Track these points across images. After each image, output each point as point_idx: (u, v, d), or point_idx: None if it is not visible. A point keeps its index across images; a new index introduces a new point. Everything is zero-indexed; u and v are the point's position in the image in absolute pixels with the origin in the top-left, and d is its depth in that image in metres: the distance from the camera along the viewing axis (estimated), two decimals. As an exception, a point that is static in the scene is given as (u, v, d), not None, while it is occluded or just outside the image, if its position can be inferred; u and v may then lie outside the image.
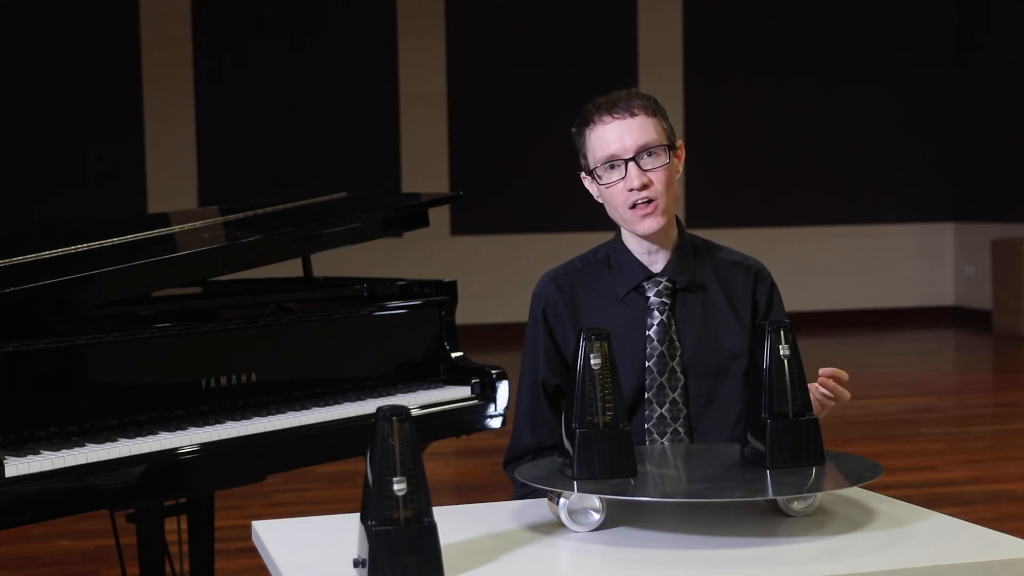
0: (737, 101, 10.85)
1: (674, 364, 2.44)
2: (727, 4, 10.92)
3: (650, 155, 2.42)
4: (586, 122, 2.48)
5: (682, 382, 2.44)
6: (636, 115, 2.42)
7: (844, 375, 2.32)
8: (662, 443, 2.43)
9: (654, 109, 2.45)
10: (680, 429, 2.43)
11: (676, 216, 2.54)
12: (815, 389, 2.30)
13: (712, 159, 10.64)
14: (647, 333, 2.45)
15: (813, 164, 11.10)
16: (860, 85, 11.09)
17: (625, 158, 2.41)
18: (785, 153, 11.05)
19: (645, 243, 2.49)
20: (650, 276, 2.49)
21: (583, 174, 2.53)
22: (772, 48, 10.99)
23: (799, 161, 11.08)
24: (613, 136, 2.42)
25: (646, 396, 2.44)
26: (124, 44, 10.02)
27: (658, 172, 2.42)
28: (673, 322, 2.46)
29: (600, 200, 2.52)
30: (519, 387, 2.60)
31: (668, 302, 2.46)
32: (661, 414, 2.43)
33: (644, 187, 2.41)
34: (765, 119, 10.98)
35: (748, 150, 10.91)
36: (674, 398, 2.44)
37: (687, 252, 2.52)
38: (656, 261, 2.50)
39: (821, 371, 2.31)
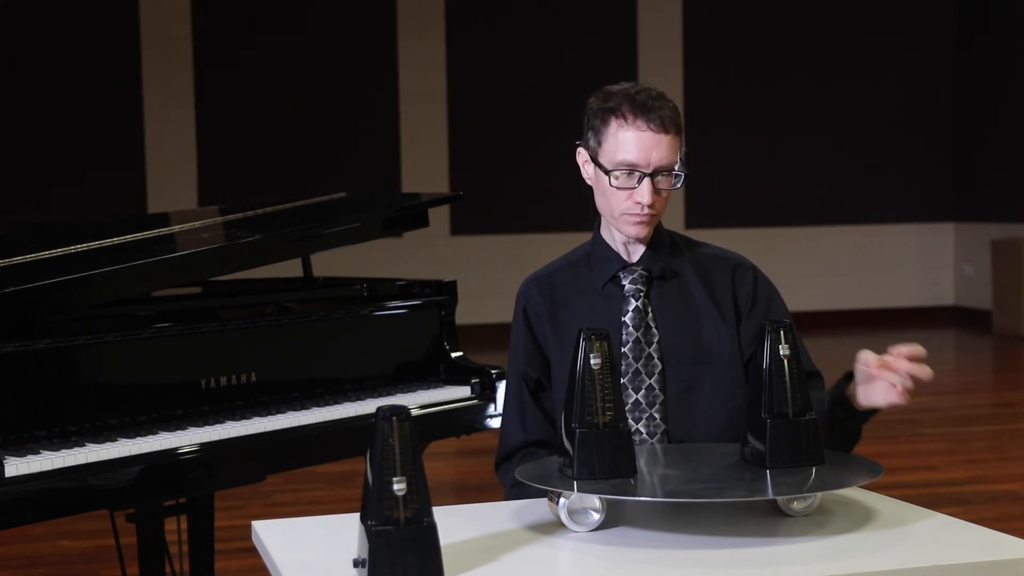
0: (737, 101, 10.85)
1: (651, 350, 2.45)
2: (727, 4, 10.92)
3: (666, 176, 2.42)
4: (613, 111, 2.43)
5: (659, 368, 2.44)
6: (668, 133, 2.41)
7: (919, 351, 2.17)
8: (638, 428, 2.42)
9: (679, 127, 2.44)
10: (656, 415, 2.43)
11: None
12: (884, 373, 2.18)
13: (712, 159, 10.64)
14: (622, 319, 2.46)
15: (813, 164, 11.10)
16: (860, 85, 11.09)
17: (645, 172, 2.40)
18: (785, 153, 11.05)
19: (623, 235, 2.50)
20: (626, 266, 2.50)
21: (582, 148, 2.50)
22: (772, 48, 10.99)
23: (799, 161, 11.08)
24: (641, 145, 2.40)
25: (622, 381, 2.43)
26: (124, 44, 10.02)
27: (665, 193, 2.44)
28: (649, 309, 2.47)
29: (590, 182, 2.51)
30: (505, 387, 2.61)
31: (643, 289, 2.48)
32: (637, 399, 2.43)
33: (650, 205, 2.41)
34: (765, 119, 10.97)
35: (748, 150, 10.91)
36: (650, 384, 2.43)
37: (664, 243, 2.53)
38: (634, 252, 2.51)
39: (895, 350, 2.18)
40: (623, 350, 2.44)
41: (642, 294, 2.48)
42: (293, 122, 10.28)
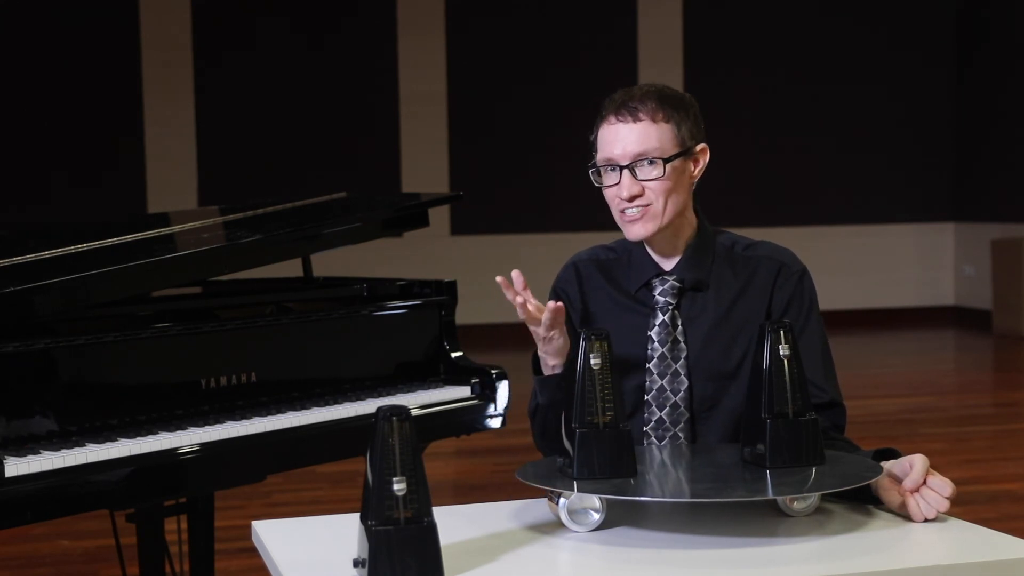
0: (737, 101, 10.85)
1: (677, 366, 2.36)
2: (727, 3, 10.93)
3: (650, 163, 2.34)
4: (599, 117, 2.40)
5: (686, 385, 2.36)
6: (640, 120, 2.34)
7: (948, 489, 2.03)
8: (661, 447, 2.36)
9: (667, 115, 2.36)
10: (680, 434, 2.36)
11: (697, 212, 2.47)
12: (912, 494, 2.04)
13: (711, 159, 10.63)
14: (648, 333, 2.38)
15: (813, 164, 11.10)
16: (860, 85, 11.09)
17: (621, 164, 2.34)
18: (785, 153, 11.05)
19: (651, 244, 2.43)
20: (660, 273, 2.42)
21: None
22: (772, 48, 10.99)
23: (799, 161, 11.08)
24: (615, 139, 2.35)
25: (645, 398, 2.37)
26: (124, 44, 10.02)
27: (654, 182, 2.35)
28: (679, 323, 2.38)
29: None
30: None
31: (673, 302, 2.38)
32: (660, 417, 2.36)
33: (635, 197, 2.34)
34: (765, 119, 10.98)
35: (748, 150, 10.90)
36: (675, 402, 2.36)
37: (704, 250, 2.43)
38: (669, 260, 2.43)
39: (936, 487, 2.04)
40: (647, 366, 2.37)
41: (671, 307, 2.38)
42: (293, 122, 10.28)
